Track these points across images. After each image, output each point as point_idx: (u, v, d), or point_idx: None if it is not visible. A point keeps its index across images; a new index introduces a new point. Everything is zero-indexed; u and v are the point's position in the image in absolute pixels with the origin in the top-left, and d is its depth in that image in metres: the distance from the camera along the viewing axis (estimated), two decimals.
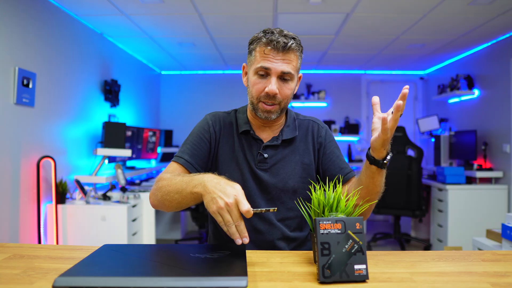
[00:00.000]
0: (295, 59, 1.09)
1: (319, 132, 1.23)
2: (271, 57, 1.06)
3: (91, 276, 0.69)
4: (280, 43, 1.05)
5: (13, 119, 2.44)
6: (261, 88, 1.09)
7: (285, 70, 1.06)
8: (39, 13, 2.70)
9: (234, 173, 1.17)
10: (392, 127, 0.90)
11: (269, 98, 1.09)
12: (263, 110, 1.11)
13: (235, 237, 0.84)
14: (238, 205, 0.83)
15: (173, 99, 5.61)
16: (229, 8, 3.02)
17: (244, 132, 1.19)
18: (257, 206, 1.15)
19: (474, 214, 3.68)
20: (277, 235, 1.15)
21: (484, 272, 0.83)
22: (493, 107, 3.84)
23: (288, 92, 1.10)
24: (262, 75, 1.09)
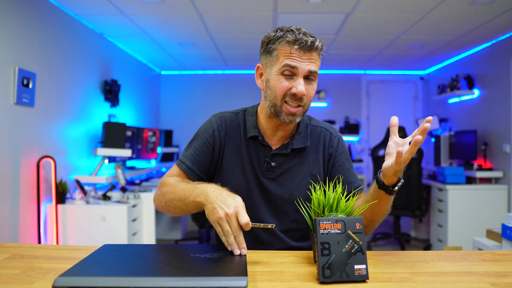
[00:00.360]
0: (318, 59, 1.06)
1: (330, 142, 1.18)
2: (296, 56, 1.01)
3: (91, 276, 0.69)
4: (308, 42, 1.00)
5: (13, 119, 2.44)
6: (287, 87, 1.03)
7: (311, 69, 1.02)
8: (39, 13, 2.70)
9: (239, 180, 1.13)
10: (406, 160, 0.86)
11: (296, 99, 1.03)
12: (288, 113, 1.05)
13: (233, 248, 0.85)
14: (237, 217, 0.85)
15: (173, 99, 5.61)
16: (229, 8, 3.02)
17: (252, 137, 1.14)
18: (260, 215, 1.12)
19: (474, 214, 3.68)
20: (280, 246, 1.12)
21: (484, 272, 0.83)
22: (493, 107, 3.84)
23: (313, 93, 1.06)
24: (287, 75, 1.03)
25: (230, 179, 1.14)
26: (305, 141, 1.15)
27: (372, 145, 5.36)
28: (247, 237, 1.13)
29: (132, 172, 3.87)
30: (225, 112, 1.21)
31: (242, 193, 1.11)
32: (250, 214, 1.11)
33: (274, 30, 1.07)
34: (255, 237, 1.13)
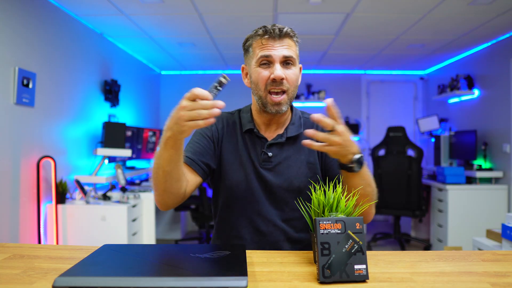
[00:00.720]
0: (293, 45, 1.10)
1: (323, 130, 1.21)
2: (269, 46, 1.07)
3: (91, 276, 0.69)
4: (276, 30, 1.07)
5: (13, 119, 2.44)
6: (266, 76, 1.07)
7: (286, 54, 1.07)
8: (39, 13, 2.70)
9: (238, 173, 1.14)
10: (326, 145, 0.91)
11: (277, 85, 1.07)
12: (273, 103, 1.08)
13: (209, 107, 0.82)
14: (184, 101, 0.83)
15: (173, 99, 5.61)
16: (229, 8, 3.02)
17: (248, 130, 1.17)
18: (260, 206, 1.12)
19: (474, 214, 3.68)
20: (280, 237, 1.12)
21: (484, 272, 0.83)
22: (493, 107, 3.84)
23: (293, 77, 1.09)
24: (264, 66, 1.08)
25: (229, 172, 1.15)
26: (299, 129, 1.18)
27: (372, 145, 5.36)
28: (247, 229, 1.14)
29: (132, 172, 3.87)
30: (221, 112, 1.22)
31: (241, 185, 1.13)
32: (251, 205, 1.13)
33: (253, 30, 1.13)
34: (254, 228, 1.13)
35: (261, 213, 1.13)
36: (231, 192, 1.15)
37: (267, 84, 1.08)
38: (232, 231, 1.16)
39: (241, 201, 1.14)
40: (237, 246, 0.92)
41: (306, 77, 5.50)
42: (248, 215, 1.14)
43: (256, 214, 1.13)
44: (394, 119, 5.46)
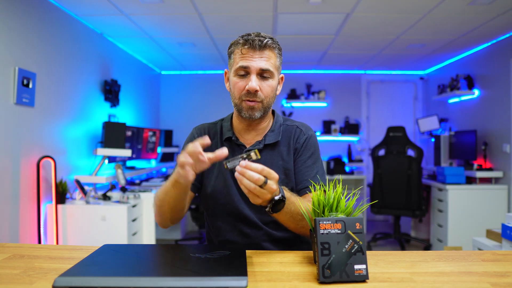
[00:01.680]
0: (273, 57, 1.11)
1: (298, 138, 1.21)
2: (249, 56, 1.08)
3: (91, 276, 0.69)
4: (256, 41, 1.07)
5: (13, 119, 2.44)
6: (242, 86, 1.10)
7: (263, 67, 1.08)
8: (39, 13, 2.70)
9: (217, 181, 1.18)
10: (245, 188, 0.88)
11: (251, 96, 1.09)
12: (247, 108, 1.11)
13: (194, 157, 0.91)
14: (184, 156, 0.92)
15: (173, 99, 5.61)
16: (229, 8, 3.02)
17: (227, 139, 1.20)
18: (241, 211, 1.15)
19: (474, 214, 3.68)
20: (264, 238, 1.15)
21: (484, 272, 0.83)
22: (493, 107, 3.84)
23: (268, 89, 1.11)
24: (242, 75, 1.10)
25: (210, 181, 1.19)
26: (277, 137, 1.20)
27: (372, 145, 5.36)
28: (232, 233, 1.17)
29: (132, 172, 3.87)
30: (204, 123, 1.29)
31: (222, 192, 1.17)
32: (233, 210, 1.16)
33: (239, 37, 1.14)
34: (238, 230, 1.17)
35: (243, 217, 1.16)
36: (214, 199, 1.18)
37: (242, 95, 1.10)
38: (219, 236, 1.20)
39: (223, 207, 1.18)
40: (237, 246, 0.92)
41: (306, 77, 5.51)
42: (231, 219, 1.18)
43: (239, 218, 1.17)
44: (394, 119, 5.46)
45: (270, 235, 1.15)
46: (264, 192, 0.86)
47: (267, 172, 0.86)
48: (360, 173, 5.15)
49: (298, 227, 1.02)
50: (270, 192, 0.87)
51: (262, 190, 0.85)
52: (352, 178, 4.89)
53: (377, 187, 4.11)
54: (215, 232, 1.21)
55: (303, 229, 1.02)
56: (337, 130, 5.32)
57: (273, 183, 0.87)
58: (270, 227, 1.16)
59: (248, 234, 1.16)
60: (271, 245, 1.16)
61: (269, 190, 0.86)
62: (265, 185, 0.85)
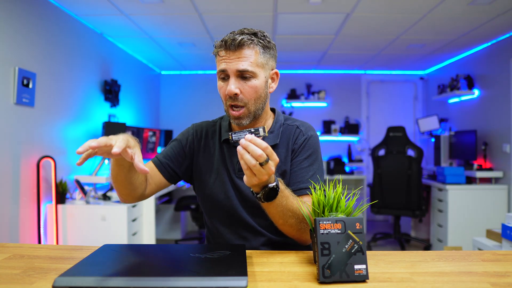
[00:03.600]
0: (252, 55, 1.02)
1: (297, 139, 1.16)
2: (226, 58, 1.03)
3: (91, 276, 0.69)
4: (229, 41, 1.01)
5: (13, 119, 2.44)
6: (224, 90, 1.05)
7: (239, 68, 1.01)
8: (39, 13, 2.70)
9: (215, 184, 1.16)
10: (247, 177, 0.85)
11: (232, 100, 1.04)
12: (233, 117, 1.07)
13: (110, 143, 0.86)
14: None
15: (173, 99, 5.61)
16: (229, 8, 3.02)
17: (225, 140, 1.17)
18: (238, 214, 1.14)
19: (474, 214, 3.68)
20: (262, 241, 1.14)
21: (484, 272, 0.83)
22: (493, 107, 3.84)
23: (250, 91, 1.04)
24: (223, 79, 1.05)
25: (207, 182, 1.17)
26: (275, 139, 1.15)
27: (372, 145, 5.36)
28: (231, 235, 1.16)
29: None
30: (203, 121, 1.26)
31: (219, 195, 1.15)
32: (229, 213, 1.14)
33: None
34: (237, 234, 1.15)
35: (241, 220, 1.14)
36: (211, 201, 1.17)
37: (226, 99, 1.06)
38: (218, 238, 1.18)
39: (221, 210, 1.16)
40: (237, 246, 0.92)
41: (306, 77, 5.51)
42: (229, 222, 1.16)
43: (237, 222, 1.15)
44: (394, 119, 5.46)
45: (269, 238, 1.14)
46: (262, 171, 0.82)
47: (270, 152, 0.83)
48: (360, 173, 5.15)
49: (286, 225, 0.98)
50: (268, 173, 0.84)
51: (261, 169, 0.82)
52: (352, 178, 4.89)
53: (377, 187, 4.11)
54: (214, 234, 1.20)
55: (291, 228, 0.99)
56: (337, 130, 5.32)
57: (273, 164, 0.84)
58: (269, 231, 1.13)
59: (246, 237, 1.14)
60: (270, 248, 1.14)
61: (268, 170, 0.83)
62: (266, 164, 0.82)
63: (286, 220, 0.97)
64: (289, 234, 1.03)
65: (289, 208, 0.95)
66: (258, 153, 0.80)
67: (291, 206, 0.96)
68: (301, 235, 1.03)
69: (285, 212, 0.95)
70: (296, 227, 0.99)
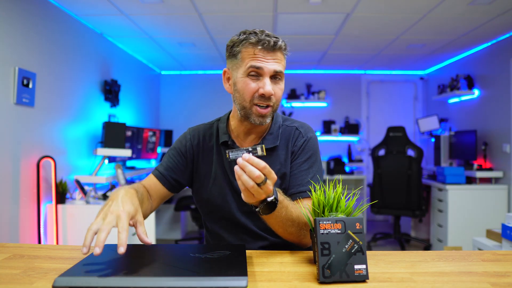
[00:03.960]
0: (283, 59, 1.08)
1: (296, 141, 1.16)
2: (261, 57, 1.03)
3: (91, 276, 0.69)
4: (271, 42, 1.03)
5: (13, 119, 2.44)
6: (255, 89, 1.03)
7: (277, 69, 1.04)
8: (39, 13, 2.70)
9: (213, 188, 1.15)
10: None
11: (264, 100, 1.04)
12: (258, 115, 1.05)
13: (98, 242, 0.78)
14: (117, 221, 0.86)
15: (173, 99, 5.61)
16: (229, 8, 3.02)
17: (223, 143, 1.16)
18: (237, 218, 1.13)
19: (474, 214, 3.68)
20: (263, 244, 1.13)
21: (484, 272, 0.83)
22: (493, 107, 3.84)
23: (280, 93, 1.07)
24: (253, 77, 1.04)
25: (205, 186, 1.17)
26: (275, 141, 1.15)
27: (372, 145, 5.36)
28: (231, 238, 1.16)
29: (132, 172, 3.87)
30: (200, 124, 1.26)
31: (218, 198, 1.14)
32: (227, 217, 1.14)
33: (237, 34, 1.10)
34: (238, 237, 1.15)
35: (240, 223, 1.13)
36: (210, 205, 1.16)
37: (254, 97, 1.04)
38: (219, 240, 1.18)
39: (220, 213, 1.15)
40: (237, 246, 0.92)
41: (306, 77, 5.50)
42: (229, 225, 1.15)
43: (235, 225, 1.14)
44: (394, 119, 5.46)
45: (270, 240, 1.13)
46: (260, 192, 0.81)
47: (268, 171, 0.81)
48: (360, 173, 5.15)
49: (286, 233, 0.98)
50: (266, 192, 0.82)
51: (259, 189, 0.80)
52: (352, 178, 4.89)
53: (377, 187, 4.11)
54: (214, 237, 1.19)
55: (291, 235, 0.99)
56: (337, 130, 5.32)
57: (270, 183, 0.83)
58: (268, 234, 1.13)
59: (246, 240, 1.14)
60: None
61: (265, 190, 0.82)
62: (264, 184, 0.80)
63: (285, 229, 0.97)
64: (289, 240, 1.03)
65: (288, 218, 0.95)
66: (256, 174, 0.79)
67: (291, 216, 0.95)
68: (301, 241, 1.03)
69: (285, 222, 0.95)
70: (296, 234, 0.99)
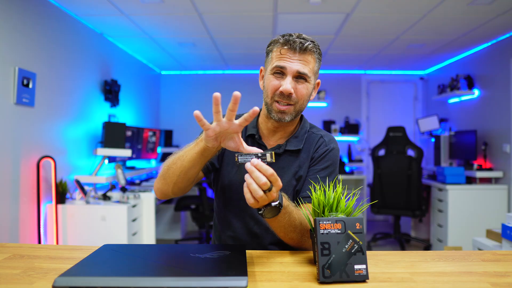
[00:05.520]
0: (312, 61, 1.08)
1: (319, 148, 1.18)
2: (287, 57, 1.06)
3: (91, 276, 0.69)
4: (297, 43, 1.05)
5: (13, 119, 2.44)
6: (276, 86, 1.07)
7: (300, 70, 1.05)
8: (39, 13, 2.70)
9: (234, 177, 1.17)
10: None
11: (284, 98, 1.07)
12: (277, 111, 1.08)
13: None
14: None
15: (173, 99, 5.61)
16: (229, 8, 3.02)
17: (250, 135, 1.19)
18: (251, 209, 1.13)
19: (474, 214, 3.68)
20: (273, 239, 1.14)
21: (484, 272, 0.83)
22: (493, 107, 3.84)
23: (303, 92, 1.08)
24: (277, 75, 1.07)
25: (228, 174, 1.18)
26: (299, 144, 1.17)
27: (372, 145, 5.36)
28: (242, 230, 1.17)
29: (132, 172, 3.87)
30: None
31: (238, 188, 1.15)
32: (245, 207, 1.15)
33: (279, 35, 1.12)
34: (248, 230, 1.16)
35: (254, 216, 1.15)
36: (228, 193, 1.18)
37: (275, 94, 1.08)
38: (229, 231, 1.19)
39: (236, 203, 1.17)
40: (237, 246, 0.92)
41: None
42: (242, 216, 1.17)
43: (249, 217, 1.16)
44: (394, 119, 5.46)
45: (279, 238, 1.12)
46: (264, 198, 0.81)
47: (274, 179, 0.81)
48: (360, 173, 5.15)
49: (287, 237, 0.99)
50: (269, 199, 0.83)
51: (264, 196, 0.81)
52: (352, 178, 4.89)
53: (377, 187, 4.11)
54: (224, 226, 1.20)
55: (292, 240, 1.00)
56: (337, 130, 5.32)
57: (275, 190, 0.83)
58: None
59: (257, 234, 1.15)
60: (277, 248, 1.15)
61: (269, 197, 0.82)
62: (268, 192, 0.81)
63: (287, 233, 0.98)
64: (290, 244, 1.04)
65: (291, 223, 0.95)
66: (262, 181, 0.79)
67: (293, 222, 0.96)
68: (302, 246, 1.03)
69: (287, 227, 0.96)
70: (297, 240, 1.00)
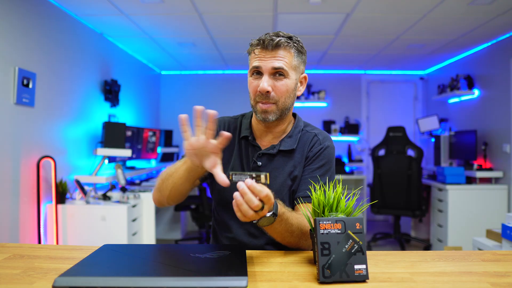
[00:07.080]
0: (288, 56, 1.07)
1: (313, 147, 1.17)
2: (261, 56, 1.07)
3: (91, 276, 0.69)
4: (267, 41, 1.06)
5: (13, 119, 2.44)
6: (255, 87, 1.08)
7: (275, 66, 1.05)
8: (39, 13, 2.70)
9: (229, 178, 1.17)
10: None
11: (263, 97, 1.07)
12: (260, 111, 1.09)
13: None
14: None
15: (173, 99, 5.61)
16: (229, 8, 3.02)
17: (244, 137, 1.19)
18: None
19: (474, 214, 3.68)
20: (267, 240, 1.14)
21: (484, 272, 0.83)
22: (493, 107, 3.84)
23: (283, 89, 1.07)
24: (256, 75, 1.08)
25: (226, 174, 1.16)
26: (292, 144, 1.16)
27: (372, 145, 5.36)
28: (240, 231, 1.17)
29: (132, 172, 3.87)
30: (226, 116, 1.27)
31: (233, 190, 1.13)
32: None
33: None
34: (246, 230, 1.16)
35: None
36: (224, 194, 1.17)
37: (256, 96, 1.08)
38: (227, 232, 1.19)
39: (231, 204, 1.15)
40: (237, 246, 0.92)
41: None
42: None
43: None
44: (394, 119, 5.46)
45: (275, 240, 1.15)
46: (255, 216, 0.82)
47: (267, 199, 0.81)
48: (360, 173, 5.15)
49: (284, 241, 0.99)
50: (260, 216, 0.83)
51: (254, 214, 0.81)
52: (352, 178, 4.89)
53: (377, 187, 4.11)
54: (222, 227, 1.20)
55: (289, 244, 1.00)
56: (337, 130, 5.32)
57: (266, 208, 0.82)
58: None
59: (254, 234, 1.15)
60: (273, 248, 1.15)
61: (260, 214, 0.82)
62: (260, 211, 0.81)
63: (284, 238, 0.98)
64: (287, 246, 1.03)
65: (287, 229, 0.95)
66: (254, 204, 0.79)
67: (290, 227, 0.95)
68: (300, 247, 1.03)
69: (283, 233, 0.96)
70: (294, 243, 1.00)
